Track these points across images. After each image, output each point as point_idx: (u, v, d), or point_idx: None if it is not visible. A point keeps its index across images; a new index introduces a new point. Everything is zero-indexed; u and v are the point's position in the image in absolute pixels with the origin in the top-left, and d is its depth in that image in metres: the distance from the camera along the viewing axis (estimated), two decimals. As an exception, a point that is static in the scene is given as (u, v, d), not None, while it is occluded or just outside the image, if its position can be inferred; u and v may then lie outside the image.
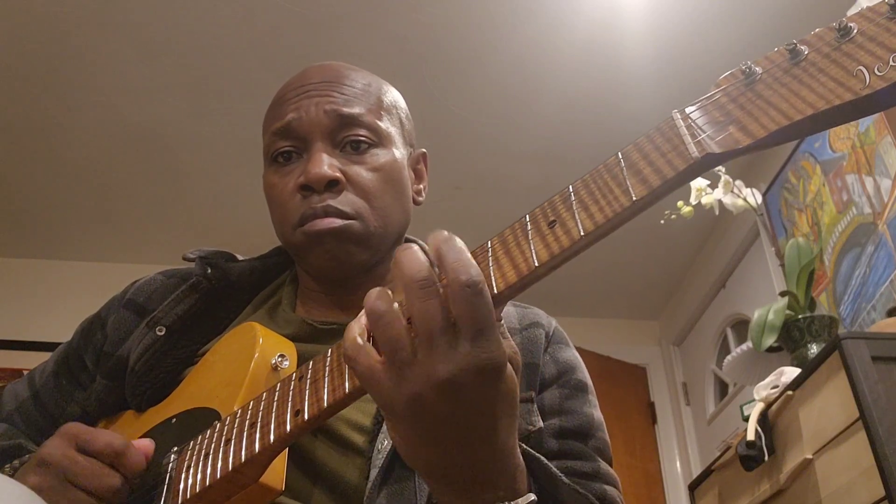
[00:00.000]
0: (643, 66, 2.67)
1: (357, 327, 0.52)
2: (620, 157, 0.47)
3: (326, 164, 0.80)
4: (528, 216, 0.51)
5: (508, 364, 0.50)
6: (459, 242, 0.49)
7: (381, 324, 0.49)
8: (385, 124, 0.87)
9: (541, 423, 0.79)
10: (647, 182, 0.45)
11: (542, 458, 0.68)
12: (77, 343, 0.93)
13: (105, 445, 0.67)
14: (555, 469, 0.69)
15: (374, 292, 0.50)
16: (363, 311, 0.51)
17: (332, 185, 0.81)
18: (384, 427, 0.73)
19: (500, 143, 3.01)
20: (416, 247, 0.50)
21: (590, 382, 0.87)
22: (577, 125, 2.92)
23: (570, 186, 0.49)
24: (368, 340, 0.51)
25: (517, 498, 0.54)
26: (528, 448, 0.67)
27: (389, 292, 0.50)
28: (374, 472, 0.70)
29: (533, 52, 2.64)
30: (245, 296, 0.92)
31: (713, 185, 2.21)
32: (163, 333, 0.84)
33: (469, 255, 0.49)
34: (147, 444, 0.70)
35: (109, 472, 0.67)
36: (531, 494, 0.55)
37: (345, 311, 0.88)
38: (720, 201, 2.21)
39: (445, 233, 0.50)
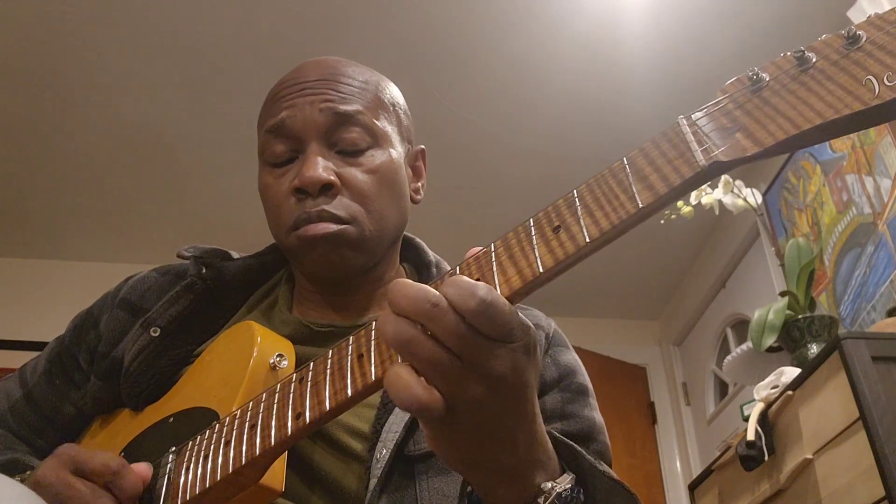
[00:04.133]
0: (644, 65, 2.67)
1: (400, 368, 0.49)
2: (626, 162, 0.47)
3: (321, 167, 0.78)
4: (531, 220, 0.50)
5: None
6: (424, 288, 0.48)
7: (411, 348, 0.47)
8: (382, 123, 0.84)
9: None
10: (653, 189, 0.44)
11: (573, 444, 0.65)
12: (70, 341, 0.91)
13: (101, 465, 0.66)
14: (583, 451, 0.67)
15: (384, 325, 0.48)
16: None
17: (327, 189, 0.79)
18: (382, 435, 0.72)
19: (500, 142, 3.00)
20: (400, 279, 0.49)
21: (590, 385, 0.86)
22: (577, 124, 2.92)
23: (575, 191, 0.49)
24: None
25: (557, 477, 0.55)
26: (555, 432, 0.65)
27: (394, 317, 0.48)
28: (373, 482, 0.70)
29: (533, 52, 2.63)
30: (240, 295, 0.90)
31: (713, 185, 2.21)
32: (157, 334, 0.83)
33: (464, 278, 0.47)
34: (145, 469, 0.68)
35: (102, 495, 0.65)
36: (570, 474, 0.55)
37: (341, 312, 0.86)
38: (720, 201, 2.22)
39: (404, 280, 0.49)
